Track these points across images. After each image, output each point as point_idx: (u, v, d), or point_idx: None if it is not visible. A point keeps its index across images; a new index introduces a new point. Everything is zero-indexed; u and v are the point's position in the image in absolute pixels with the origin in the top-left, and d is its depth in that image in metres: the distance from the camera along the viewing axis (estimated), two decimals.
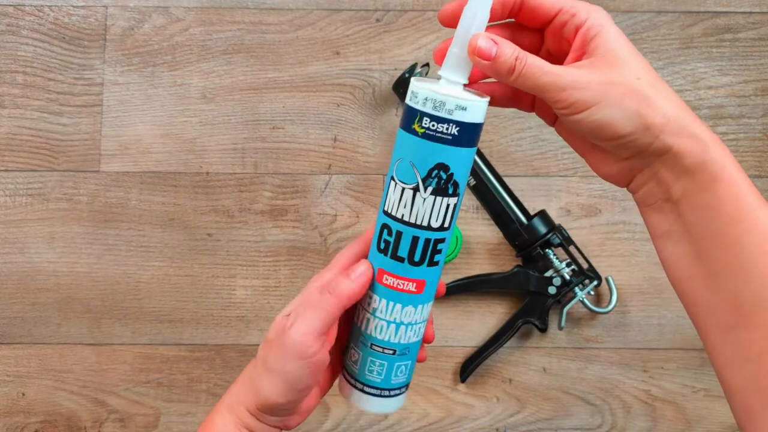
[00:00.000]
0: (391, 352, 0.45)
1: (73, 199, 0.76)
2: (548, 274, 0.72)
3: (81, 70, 0.77)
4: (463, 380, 0.74)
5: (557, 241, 0.72)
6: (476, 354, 0.73)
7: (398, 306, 0.43)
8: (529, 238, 0.72)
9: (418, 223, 0.41)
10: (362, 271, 0.42)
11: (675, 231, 0.37)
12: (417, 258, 0.42)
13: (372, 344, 0.45)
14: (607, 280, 0.74)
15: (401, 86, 0.73)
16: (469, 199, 0.76)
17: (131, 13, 0.78)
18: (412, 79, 0.40)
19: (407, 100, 0.40)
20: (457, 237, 0.74)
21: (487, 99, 0.40)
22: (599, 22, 0.36)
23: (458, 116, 0.38)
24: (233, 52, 0.77)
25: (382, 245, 0.43)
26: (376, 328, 0.44)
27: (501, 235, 0.75)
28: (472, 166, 0.61)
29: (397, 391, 0.47)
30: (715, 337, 0.37)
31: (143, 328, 0.75)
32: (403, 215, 0.41)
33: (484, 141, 0.77)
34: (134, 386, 0.74)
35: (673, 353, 0.75)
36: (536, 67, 0.35)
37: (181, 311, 0.75)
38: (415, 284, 0.43)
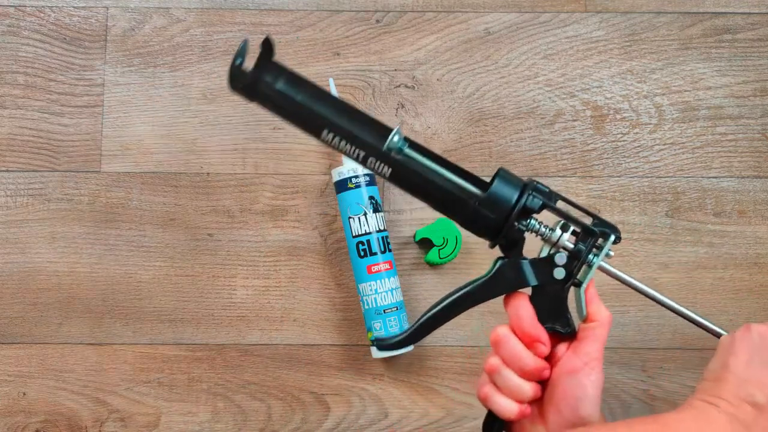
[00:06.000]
0: None
1: (74, 200, 0.76)
2: (544, 252, 0.52)
3: (82, 70, 0.77)
4: None
5: (538, 202, 0.50)
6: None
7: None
8: (496, 214, 0.49)
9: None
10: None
11: None
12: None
13: None
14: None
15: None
16: None
17: (132, 14, 0.78)
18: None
19: None
20: (456, 237, 0.74)
21: None
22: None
23: None
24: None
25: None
26: None
27: None
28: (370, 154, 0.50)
29: None
30: None
31: (144, 328, 0.75)
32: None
33: (483, 141, 0.77)
34: (135, 386, 0.74)
35: (672, 353, 0.75)
36: None
37: (181, 311, 0.75)
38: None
